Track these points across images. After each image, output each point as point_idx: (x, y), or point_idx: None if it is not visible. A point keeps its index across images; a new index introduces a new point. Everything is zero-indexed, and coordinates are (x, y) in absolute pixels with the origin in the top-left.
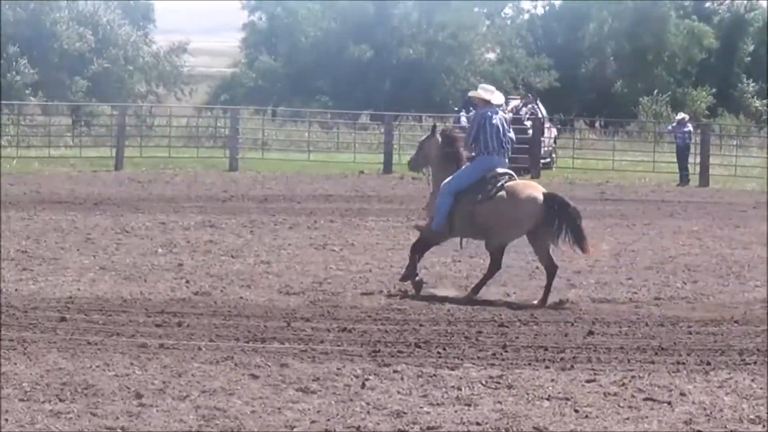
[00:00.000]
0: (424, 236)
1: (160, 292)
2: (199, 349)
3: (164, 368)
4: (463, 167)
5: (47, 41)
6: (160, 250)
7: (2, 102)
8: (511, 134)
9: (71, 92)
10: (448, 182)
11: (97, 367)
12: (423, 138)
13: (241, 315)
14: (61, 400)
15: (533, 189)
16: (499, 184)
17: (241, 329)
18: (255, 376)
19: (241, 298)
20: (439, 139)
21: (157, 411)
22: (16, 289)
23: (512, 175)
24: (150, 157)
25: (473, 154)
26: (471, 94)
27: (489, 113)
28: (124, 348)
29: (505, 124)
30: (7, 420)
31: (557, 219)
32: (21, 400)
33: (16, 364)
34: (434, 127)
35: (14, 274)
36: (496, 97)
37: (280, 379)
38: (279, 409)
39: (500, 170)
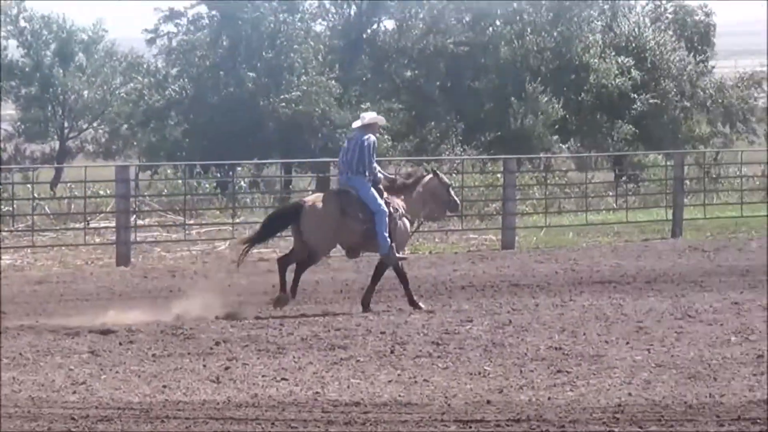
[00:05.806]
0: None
1: (736, 393)
2: None
3: None
4: None
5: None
6: (733, 338)
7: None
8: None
9: (611, 139)
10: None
11: None
12: None
13: None
14: None
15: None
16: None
17: None
18: None
19: None
20: None
21: None
22: (549, 398)
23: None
24: (716, 218)
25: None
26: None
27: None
28: None
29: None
30: None
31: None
32: None
33: None
34: None
35: (546, 377)
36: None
37: None
38: None
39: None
